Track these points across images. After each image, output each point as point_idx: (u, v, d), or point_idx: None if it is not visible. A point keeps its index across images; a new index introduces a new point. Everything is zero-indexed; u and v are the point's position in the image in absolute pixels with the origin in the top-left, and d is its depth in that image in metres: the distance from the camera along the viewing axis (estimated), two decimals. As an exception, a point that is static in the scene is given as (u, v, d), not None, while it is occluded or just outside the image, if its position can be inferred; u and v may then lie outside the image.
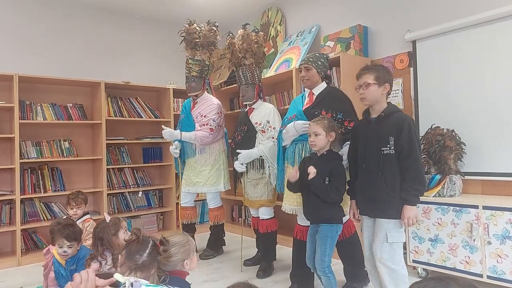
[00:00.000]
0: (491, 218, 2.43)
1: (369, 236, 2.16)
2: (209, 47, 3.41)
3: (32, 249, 3.75)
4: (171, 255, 1.58)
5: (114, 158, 4.27)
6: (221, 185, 3.44)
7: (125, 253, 1.43)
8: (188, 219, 3.53)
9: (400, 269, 2.03)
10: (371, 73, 2.07)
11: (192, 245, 1.66)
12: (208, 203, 3.54)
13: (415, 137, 1.99)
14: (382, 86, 2.06)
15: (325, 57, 2.64)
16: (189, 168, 3.46)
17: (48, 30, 4.11)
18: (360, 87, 2.10)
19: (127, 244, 1.46)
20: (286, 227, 3.96)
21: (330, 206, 2.23)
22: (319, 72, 2.56)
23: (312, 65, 2.54)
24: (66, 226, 2.18)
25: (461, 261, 2.55)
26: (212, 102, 3.45)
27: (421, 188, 1.99)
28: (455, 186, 2.74)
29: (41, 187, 3.82)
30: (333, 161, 2.25)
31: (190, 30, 3.36)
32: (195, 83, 3.39)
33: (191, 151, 3.42)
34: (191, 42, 3.37)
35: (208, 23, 3.43)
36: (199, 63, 3.39)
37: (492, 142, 2.75)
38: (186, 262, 1.61)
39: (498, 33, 2.72)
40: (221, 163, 3.45)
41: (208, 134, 3.34)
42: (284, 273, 3.02)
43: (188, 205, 3.53)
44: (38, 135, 3.90)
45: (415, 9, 3.20)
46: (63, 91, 4.09)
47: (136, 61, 4.68)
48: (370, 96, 2.07)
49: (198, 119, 3.40)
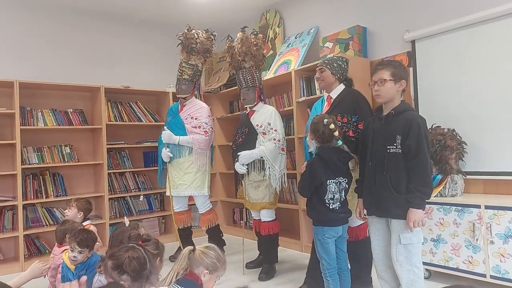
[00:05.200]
0: (494, 218, 2.42)
1: (378, 238, 2.12)
2: (205, 54, 3.45)
3: (35, 254, 3.75)
4: (206, 255, 1.61)
5: (115, 163, 4.27)
6: (205, 189, 3.44)
7: (131, 277, 1.43)
8: (183, 223, 3.52)
9: (416, 270, 1.98)
10: (387, 69, 2.02)
11: (221, 269, 1.64)
12: (198, 208, 3.51)
13: (424, 138, 1.92)
14: (398, 83, 2.01)
15: (344, 60, 2.64)
16: (174, 170, 3.44)
17: (47, 36, 4.12)
18: (375, 84, 2.04)
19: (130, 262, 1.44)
20: (288, 229, 3.96)
21: (308, 207, 2.23)
22: (334, 74, 2.58)
23: (326, 67, 2.58)
24: (81, 232, 2.14)
25: (464, 261, 2.55)
26: (201, 106, 3.48)
27: (427, 191, 1.93)
28: (457, 185, 2.73)
29: (43, 192, 3.82)
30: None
31: (188, 35, 3.40)
32: (185, 85, 3.42)
33: (178, 152, 3.40)
34: (188, 46, 3.40)
35: (206, 31, 3.47)
36: (192, 67, 3.42)
37: (493, 141, 2.75)
38: (205, 272, 1.59)
39: (497, 31, 2.71)
40: (206, 167, 3.45)
41: (205, 136, 3.37)
42: (286, 275, 3.02)
43: (182, 210, 3.53)
44: (39, 141, 3.91)
45: (414, 9, 3.20)
46: (63, 97, 4.10)
47: (135, 66, 4.69)
48: (385, 93, 2.01)
49: (188, 120, 3.41)
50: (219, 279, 1.68)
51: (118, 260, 1.42)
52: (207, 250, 1.64)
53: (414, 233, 1.96)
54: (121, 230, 2.05)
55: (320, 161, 2.17)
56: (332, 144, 2.21)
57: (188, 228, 3.57)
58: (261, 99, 3.23)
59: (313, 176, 2.18)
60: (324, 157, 2.17)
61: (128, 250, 1.46)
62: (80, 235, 2.11)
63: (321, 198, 2.18)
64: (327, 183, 2.16)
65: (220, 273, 1.65)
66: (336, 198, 2.18)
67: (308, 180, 2.20)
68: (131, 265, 1.41)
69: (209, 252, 1.63)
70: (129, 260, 1.42)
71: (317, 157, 2.21)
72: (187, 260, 1.59)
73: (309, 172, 2.20)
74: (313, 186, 2.18)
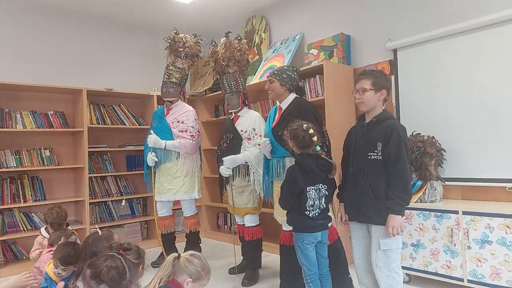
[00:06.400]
0: (471, 223, 2.49)
1: (359, 243, 2.15)
2: (192, 58, 3.45)
3: (12, 260, 3.64)
4: (191, 263, 1.58)
5: (97, 166, 4.20)
6: (195, 193, 3.42)
7: (109, 287, 1.40)
8: (166, 229, 3.48)
9: (395, 275, 2.01)
10: (368, 78, 2.08)
11: (205, 279, 1.62)
12: (183, 211, 3.50)
13: (404, 146, 1.96)
14: (379, 92, 2.06)
15: (293, 69, 2.70)
16: (162, 175, 3.41)
17: (27, 36, 4.03)
18: (357, 92, 2.10)
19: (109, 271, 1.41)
20: (272, 234, 3.96)
21: (288, 214, 2.25)
22: (283, 85, 2.65)
23: (275, 78, 2.66)
24: (65, 247, 2.04)
25: (443, 265, 2.60)
26: (187, 109, 3.46)
27: (406, 197, 1.96)
28: (436, 192, 2.80)
29: (20, 196, 3.71)
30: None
31: (176, 39, 3.39)
32: (173, 89, 3.40)
33: (165, 157, 3.38)
34: (175, 50, 3.39)
35: (195, 35, 3.47)
36: (180, 70, 3.41)
37: (471, 148, 2.83)
38: (188, 281, 1.56)
39: (477, 42, 2.80)
40: (196, 171, 3.45)
41: (191, 141, 3.35)
42: (269, 281, 3.02)
43: (166, 215, 3.49)
44: (18, 144, 3.81)
45: (396, 19, 3.28)
46: (44, 99, 4.01)
47: (119, 68, 4.63)
48: (366, 101, 2.07)
49: (174, 124, 3.39)
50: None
51: (97, 269, 1.40)
52: (192, 258, 1.61)
53: (393, 239, 2.00)
54: (94, 239, 1.97)
55: (299, 168, 2.17)
56: (311, 149, 2.22)
57: (171, 234, 3.53)
58: (246, 104, 3.24)
59: (294, 183, 2.16)
60: (302, 164, 2.18)
61: (107, 259, 1.43)
62: (63, 251, 2.02)
63: (301, 205, 2.17)
64: (307, 190, 2.16)
65: (203, 283, 1.62)
66: (316, 205, 2.18)
67: (290, 187, 2.17)
68: (109, 274, 1.39)
69: (194, 260, 1.60)
70: (108, 270, 1.39)
71: (295, 165, 2.21)
72: (171, 267, 1.57)
73: (289, 179, 2.19)
74: (296, 193, 2.17)
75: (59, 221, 2.71)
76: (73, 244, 2.11)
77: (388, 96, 2.12)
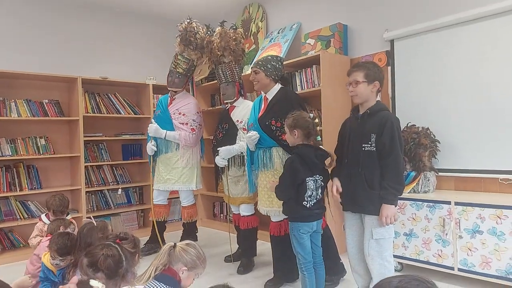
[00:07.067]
0: (463, 214, 2.53)
1: (353, 233, 2.18)
2: (202, 49, 3.37)
3: (9, 248, 3.67)
4: (186, 252, 1.60)
5: (93, 155, 4.20)
6: (193, 184, 3.44)
7: (106, 275, 1.41)
8: (160, 216, 3.50)
9: (387, 264, 2.05)
10: (361, 70, 2.08)
11: (200, 268, 1.63)
12: (181, 201, 3.53)
13: (397, 137, 1.99)
14: (371, 84, 2.07)
15: (278, 59, 2.70)
16: (162, 164, 3.42)
17: (22, 23, 3.98)
18: (350, 85, 2.11)
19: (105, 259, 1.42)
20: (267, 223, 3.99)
21: (284, 204, 2.27)
22: (268, 76, 2.64)
23: (260, 69, 2.65)
24: (60, 237, 2.04)
25: (434, 254, 2.65)
26: (190, 101, 3.45)
27: (399, 187, 2.00)
28: (429, 182, 2.83)
29: (16, 185, 3.72)
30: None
31: (189, 28, 3.32)
32: (178, 79, 3.37)
33: (166, 147, 3.39)
34: (186, 39, 3.33)
35: (207, 26, 3.41)
36: (188, 61, 3.36)
37: (464, 140, 2.85)
38: (184, 269, 1.58)
39: (473, 33, 2.80)
40: (195, 162, 3.45)
41: (191, 134, 3.35)
42: (265, 269, 3.06)
43: (161, 203, 3.51)
44: (13, 132, 3.79)
45: (394, 9, 3.26)
46: (39, 87, 3.98)
47: (114, 56, 4.59)
48: (360, 93, 2.08)
49: (175, 116, 3.38)
50: (198, 277, 1.68)
51: (93, 258, 1.42)
52: (188, 247, 1.63)
53: (386, 228, 2.03)
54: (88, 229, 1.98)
55: (299, 159, 2.19)
56: (312, 140, 2.24)
57: (162, 223, 3.55)
58: (241, 94, 3.23)
59: (295, 175, 2.17)
60: (302, 154, 2.19)
61: (104, 248, 1.45)
62: (59, 242, 2.02)
63: (300, 196, 2.19)
64: (306, 181, 2.18)
65: (199, 271, 1.64)
66: (313, 195, 2.21)
67: (290, 179, 2.18)
68: (106, 263, 1.41)
69: (190, 250, 1.62)
70: (104, 258, 1.41)
71: (295, 156, 2.22)
72: (167, 256, 1.59)
73: (290, 171, 2.19)
74: (296, 185, 2.18)
75: (61, 209, 2.75)
76: (68, 234, 2.12)
77: (381, 87, 2.13)
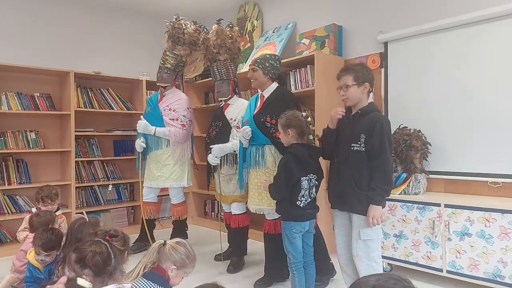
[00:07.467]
0: (452, 216, 2.55)
1: (342, 233, 2.19)
2: (191, 46, 3.37)
3: (-5, 243, 3.62)
4: (175, 250, 1.59)
5: (83, 151, 4.16)
6: (184, 181, 3.43)
7: (93, 272, 1.39)
8: (148, 215, 3.47)
9: (375, 265, 2.06)
10: (349, 74, 2.09)
11: (190, 266, 1.63)
12: (171, 198, 3.51)
13: (387, 138, 2.00)
14: (361, 86, 2.08)
15: (276, 58, 2.70)
16: (152, 161, 3.40)
17: (14, 16, 3.92)
18: (340, 89, 2.12)
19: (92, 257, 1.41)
20: (258, 222, 4.00)
21: (277, 204, 2.28)
22: (266, 74, 2.65)
23: (258, 67, 2.65)
24: (44, 233, 2.02)
25: (423, 256, 2.67)
26: (180, 97, 3.43)
27: (387, 188, 2.01)
28: (420, 184, 2.85)
29: (5, 179, 3.67)
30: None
31: (176, 25, 3.32)
32: (167, 75, 3.36)
33: (156, 144, 3.37)
34: (174, 36, 3.32)
35: (195, 23, 3.40)
36: (176, 57, 3.36)
37: (455, 143, 2.87)
38: (172, 268, 1.57)
39: (466, 38, 2.82)
40: (186, 159, 3.44)
41: (182, 130, 3.33)
42: (255, 268, 3.06)
43: (151, 201, 3.49)
44: (3, 126, 3.73)
45: (389, 11, 3.27)
46: (30, 80, 3.92)
47: (107, 51, 4.54)
48: (351, 97, 2.09)
49: (165, 112, 3.36)
50: (187, 275, 1.67)
51: (82, 254, 1.40)
52: (178, 246, 1.62)
53: (374, 229, 2.05)
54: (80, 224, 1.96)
55: (293, 158, 2.18)
56: (305, 138, 2.24)
57: (152, 221, 3.52)
58: (236, 92, 3.23)
59: (290, 175, 2.16)
60: (296, 154, 2.19)
61: (92, 245, 1.43)
62: (43, 237, 1.99)
63: (294, 195, 2.18)
64: (300, 180, 2.18)
65: (188, 270, 1.63)
66: (306, 195, 2.21)
67: (285, 179, 2.17)
68: (94, 259, 1.39)
69: (179, 248, 1.61)
70: (92, 255, 1.39)
71: (289, 156, 2.20)
72: (156, 254, 1.58)
73: (285, 171, 2.17)
74: (290, 185, 2.17)
75: (51, 196, 2.75)
76: (51, 229, 2.11)
77: (372, 88, 2.14)
